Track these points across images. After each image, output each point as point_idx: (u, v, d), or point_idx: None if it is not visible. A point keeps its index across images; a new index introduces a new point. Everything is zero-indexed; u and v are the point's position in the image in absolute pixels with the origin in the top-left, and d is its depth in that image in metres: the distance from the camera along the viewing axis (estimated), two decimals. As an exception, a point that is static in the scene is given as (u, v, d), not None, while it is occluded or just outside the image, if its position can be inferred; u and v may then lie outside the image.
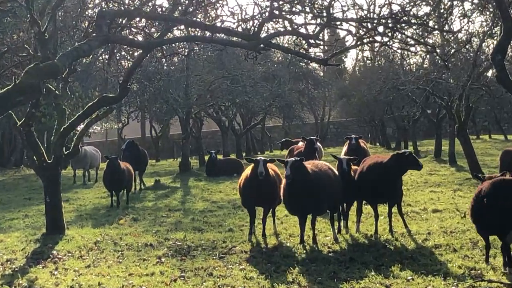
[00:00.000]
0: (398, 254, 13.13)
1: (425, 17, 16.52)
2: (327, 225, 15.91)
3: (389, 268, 11.95)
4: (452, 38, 29.38)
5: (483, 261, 12.12)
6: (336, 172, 15.08)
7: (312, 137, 22.02)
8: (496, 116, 47.61)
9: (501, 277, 11.02)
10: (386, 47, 17.57)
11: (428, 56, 31.44)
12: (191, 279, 11.89)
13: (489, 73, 30.16)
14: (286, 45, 38.04)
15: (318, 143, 24.03)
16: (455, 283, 10.75)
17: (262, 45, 14.64)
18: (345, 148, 22.81)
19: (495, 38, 23.01)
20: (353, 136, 22.40)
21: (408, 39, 15.50)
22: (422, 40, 15.64)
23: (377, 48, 20.38)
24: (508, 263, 11.41)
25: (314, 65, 55.58)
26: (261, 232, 15.55)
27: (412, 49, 16.24)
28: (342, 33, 16.99)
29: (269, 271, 12.19)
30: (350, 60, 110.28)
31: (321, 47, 16.47)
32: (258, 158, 14.95)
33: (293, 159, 14.10)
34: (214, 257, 13.60)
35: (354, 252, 13.49)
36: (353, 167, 15.66)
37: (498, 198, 11.19)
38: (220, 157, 36.49)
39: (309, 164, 14.57)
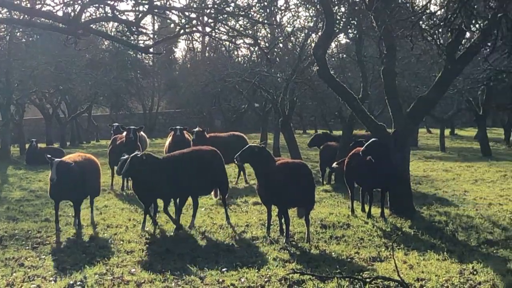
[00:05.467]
0: (216, 246, 13.14)
1: (248, 9, 16.60)
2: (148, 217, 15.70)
3: (205, 260, 11.92)
4: (279, 32, 29.77)
5: (300, 253, 12.34)
6: None
7: (133, 127, 21.55)
8: (322, 111, 48.70)
9: (316, 270, 11.18)
10: (214, 38, 17.49)
11: (256, 49, 31.71)
12: (0, 270, 11.45)
13: (315, 68, 30.82)
14: (113, 32, 37.42)
15: (142, 133, 23.69)
16: (268, 275, 10.82)
17: (81, 31, 14.19)
18: (169, 139, 22.65)
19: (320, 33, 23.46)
20: (177, 127, 22.27)
21: (231, 31, 15.46)
22: (244, 32, 15.63)
23: (200, 39, 20.32)
24: (285, 233, 13.48)
25: (144, 54, 54.90)
26: (79, 222, 15.12)
27: (240, 41, 16.22)
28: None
29: (83, 262, 11.95)
30: (180, 51, 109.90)
31: (151, 35, 16.14)
32: (55, 160, 14.21)
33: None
34: (27, 247, 13.24)
35: (171, 243, 13.36)
36: None
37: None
38: (43, 145, 35.47)
39: None
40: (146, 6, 14.27)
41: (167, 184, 14.43)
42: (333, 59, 31.82)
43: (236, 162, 14.33)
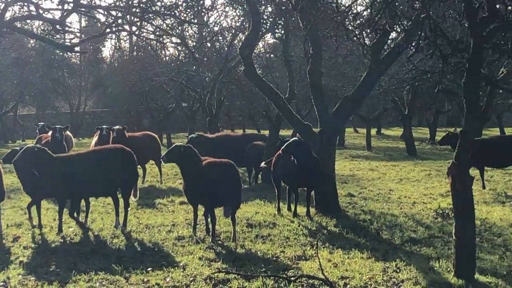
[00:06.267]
0: (141, 245, 13.07)
1: (174, 8, 16.53)
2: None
3: (130, 260, 11.86)
4: (206, 31, 29.76)
5: (226, 252, 12.39)
6: None
7: (58, 126, 21.30)
8: (250, 111, 48.80)
9: (242, 269, 11.20)
10: (140, 38, 17.37)
11: (183, 48, 31.67)
12: None
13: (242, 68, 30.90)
14: (39, 31, 36.93)
15: (68, 132, 23.41)
16: (194, 274, 10.82)
17: (5, 29, 13.98)
18: (95, 139, 22.49)
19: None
20: (104, 126, 22.13)
21: (158, 30, 15.41)
22: (171, 32, 15.59)
23: (127, 38, 20.19)
24: (211, 232, 13.53)
25: (71, 53, 54.24)
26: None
27: (167, 40, 16.13)
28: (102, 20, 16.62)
29: (6, 263, 11.77)
30: (108, 50, 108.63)
31: (77, 34, 15.95)
32: None
33: None
34: None
35: (96, 243, 13.24)
36: None
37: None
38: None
39: None
40: (71, 5, 14.10)
41: (57, 183, 14.17)
42: (260, 58, 31.94)
43: (162, 161, 14.26)
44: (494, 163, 21.38)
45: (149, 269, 11.18)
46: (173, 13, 15.84)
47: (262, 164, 18.37)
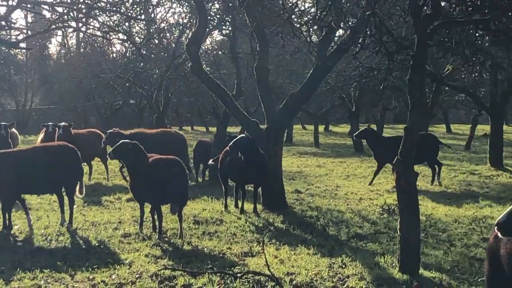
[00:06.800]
0: (87, 243, 12.94)
1: (120, 4, 16.42)
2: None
3: (76, 257, 11.76)
4: (154, 28, 29.66)
5: (173, 249, 12.37)
6: None
7: (4, 123, 21.03)
8: (199, 108, 48.71)
9: (188, 266, 11.18)
10: (86, 34, 17.21)
11: (130, 44, 31.51)
12: None
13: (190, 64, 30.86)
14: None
15: (14, 129, 23.15)
16: (140, 271, 10.74)
17: None
18: (41, 136, 22.29)
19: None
20: (50, 123, 21.90)
21: (104, 26, 15.30)
22: (116, 28, 15.49)
23: (73, 34, 20.00)
24: (158, 229, 13.50)
25: (17, 50, 53.65)
26: None
27: (113, 37, 16.01)
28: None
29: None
30: (54, 46, 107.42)
31: (24, 30, 15.75)
32: None
33: None
34: None
35: (42, 241, 13.08)
36: None
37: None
38: None
39: None
40: (16, 0, 13.92)
41: None
42: (208, 55, 31.93)
43: (109, 157, 14.14)
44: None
45: (94, 266, 11.06)
46: (119, 9, 15.74)
47: (210, 161, 18.36)
